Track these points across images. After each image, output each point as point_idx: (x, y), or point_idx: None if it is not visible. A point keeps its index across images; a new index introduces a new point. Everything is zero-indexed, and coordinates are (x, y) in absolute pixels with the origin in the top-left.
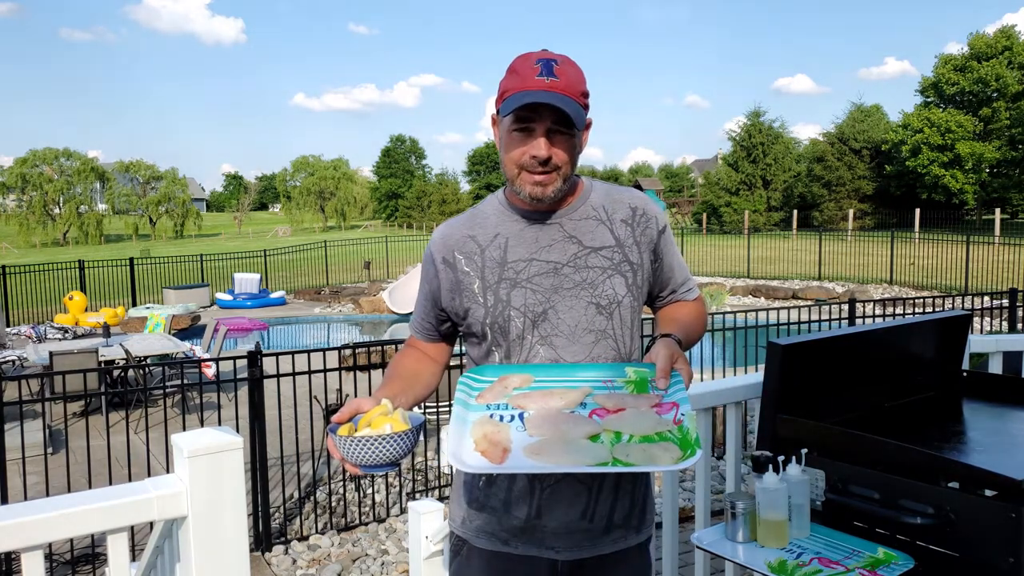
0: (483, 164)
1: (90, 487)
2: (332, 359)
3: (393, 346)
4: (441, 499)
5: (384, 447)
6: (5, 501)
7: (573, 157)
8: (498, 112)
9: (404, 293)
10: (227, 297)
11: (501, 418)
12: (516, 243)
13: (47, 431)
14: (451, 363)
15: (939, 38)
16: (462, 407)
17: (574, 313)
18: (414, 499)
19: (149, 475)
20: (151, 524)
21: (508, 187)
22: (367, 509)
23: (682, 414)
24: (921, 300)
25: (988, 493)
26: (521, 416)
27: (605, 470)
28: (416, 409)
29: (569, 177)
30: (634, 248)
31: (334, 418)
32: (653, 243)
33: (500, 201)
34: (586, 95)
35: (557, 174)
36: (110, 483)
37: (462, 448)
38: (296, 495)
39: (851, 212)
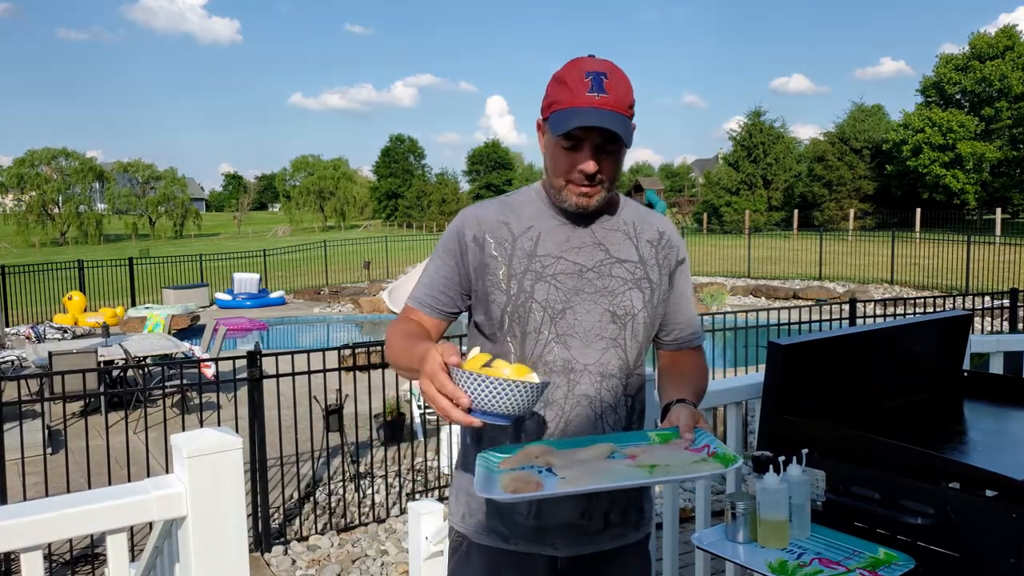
0: (483, 164)
1: (89, 487)
2: (332, 359)
3: None
4: (441, 499)
5: (527, 395)
6: (4, 501)
7: (618, 170)
8: (545, 120)
9: (404, 293)
10: (226, 297)
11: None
12: (548, 239)
13: (46, 431)
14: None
15: (936, 38)
16: (486, 472)
17: (591, 317)
18: (414, 499)
19: (148, 475)
20: (150, 524)
21: (552, 191)
22: (367, 510)
23: (715, 448)
24: (922, 300)
25: (989, 493)
26: (550, 469)
27: (647, 481)
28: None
29: (613, 187)
30: (655, 268)
31: (452, 361)
32: (671, 269)
33: (537, 195)
34: (633, 105)
35: (602, 187)
36: (109, 483)
37: (492, 491)
38: (296, 495)
39: (852, 212)
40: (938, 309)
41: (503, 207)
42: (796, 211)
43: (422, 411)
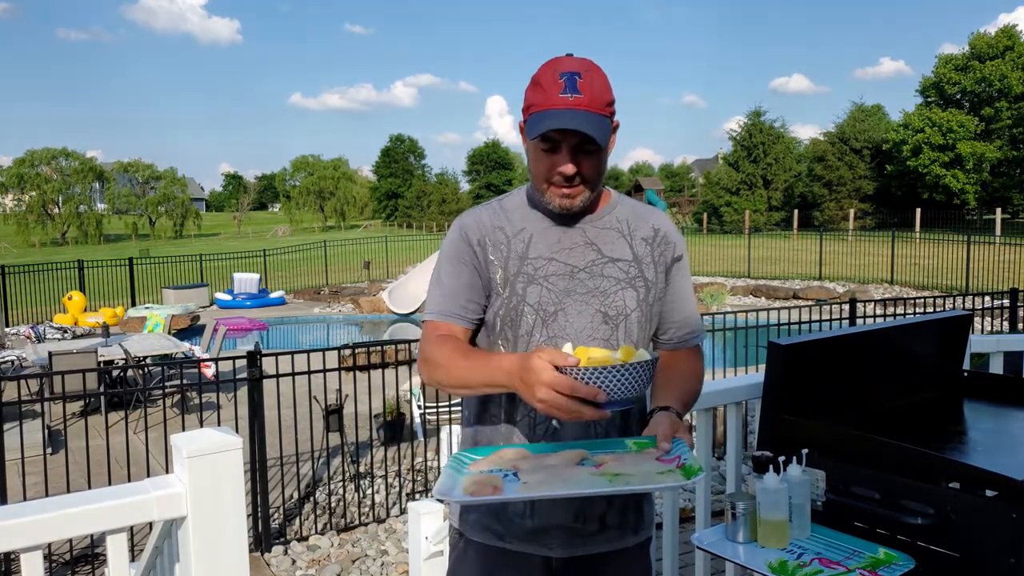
0: (483, 164)
1: (89, 487)
2: (332, 359)
3: (393, 346)
4: (441, 499)
5: (648, 373)
6: (4, 501)
7: (600, 168)
8: (525, 123)
9: (404, 293)
10: (226, 297)
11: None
12: (539, 240)
13: (46, 431)
14: None
15: (935, 39)
16: (454, 473)
17: (582, 319)
18: (414, 499)
19: (148, 475)
20: (150, 524)
21: (536, 194)
22: (367, 510)
23: (684, 459)
24: (922, 300)
25: (989, 493)
26: (515, 474)
27: (602, 491)
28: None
29: (597, 186)
30: (651, 266)
31: (554, 363)
32: (668, 266)
33: (527, 197)
34: (611, 103)
35: (584, 186)
36: (109, 483)
37: (451, 494)
38: (296, 495)
39: (852, 212)
40: (938, 309)
41: (496, 211)
42: (796, 211)
43: (422, 411)
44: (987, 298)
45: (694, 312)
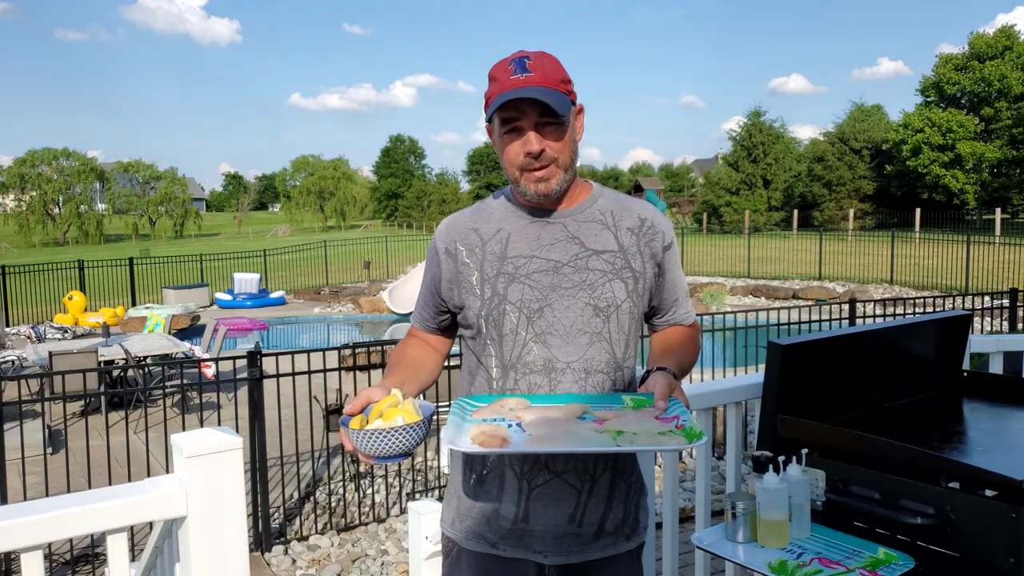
0: (483, 164)
1: (90, 487)
2: (332, 359)
3: (393, 346)
4: (441, 499)
5: (397, 438)
6: (5, 501)
7: (568, 145)
8: (489, 122)
9: (404, 293)
10: (227, 297)
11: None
12: (518, 239)
13: (47, 431)
14: (451, 363)
15: (933, 39)
16: (458, 420)
17: (571, 313)
18: (414, 499)
19: (149, 475)
20: (151, 524)
21: (514, 188)
22: (367, 509)
23: (683, 421)
24: (921, 300)
25: (989, 493)
26: (519, 425)
27: (609, 450)
28: (422, 397)
29: (570, 167)
30: (637, 256)
31: (346, 410)
32: (657, 256)
33: (506, 197)
34: (566, 82)
35: (556, 166)
36: (110, 483)
37: (459, 440)
38: (296, 495)
39: (851, 212)
40: (938, 309)
41: (474, 213)
42: (796, 211)
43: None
44: (987, 298)
45: (686, 294)
